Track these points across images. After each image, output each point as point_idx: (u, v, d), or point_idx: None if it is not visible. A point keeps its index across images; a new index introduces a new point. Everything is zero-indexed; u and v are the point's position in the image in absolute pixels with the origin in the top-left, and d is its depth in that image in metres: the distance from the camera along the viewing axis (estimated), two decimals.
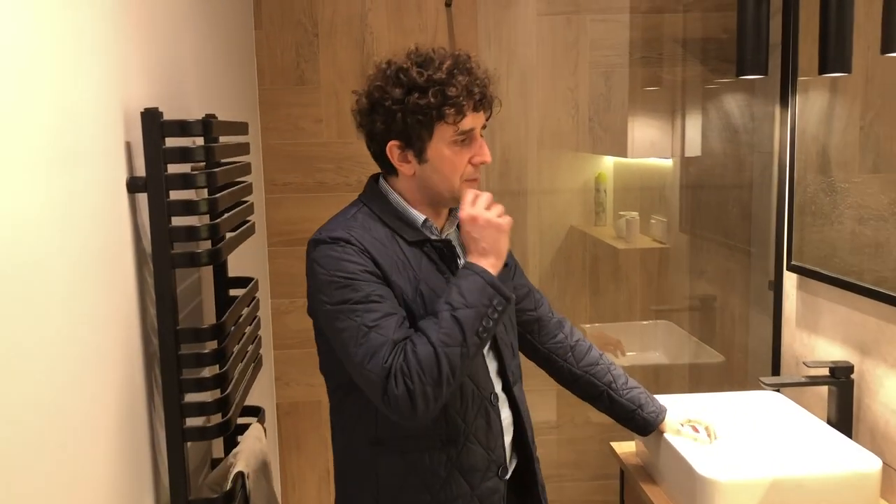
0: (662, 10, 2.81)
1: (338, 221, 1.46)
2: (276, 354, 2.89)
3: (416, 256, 1.44)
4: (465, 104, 1.39)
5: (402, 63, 1.41)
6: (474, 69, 1.42)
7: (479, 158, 1.44)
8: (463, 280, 1.35)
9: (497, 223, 1.37)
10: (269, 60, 2.76)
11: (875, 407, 1.75)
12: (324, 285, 1.38)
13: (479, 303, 1.33)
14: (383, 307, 1.36)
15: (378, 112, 1.42)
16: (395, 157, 1.44)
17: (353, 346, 1.34)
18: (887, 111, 1.79)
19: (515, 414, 1.57)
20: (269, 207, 2.83)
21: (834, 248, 1.90)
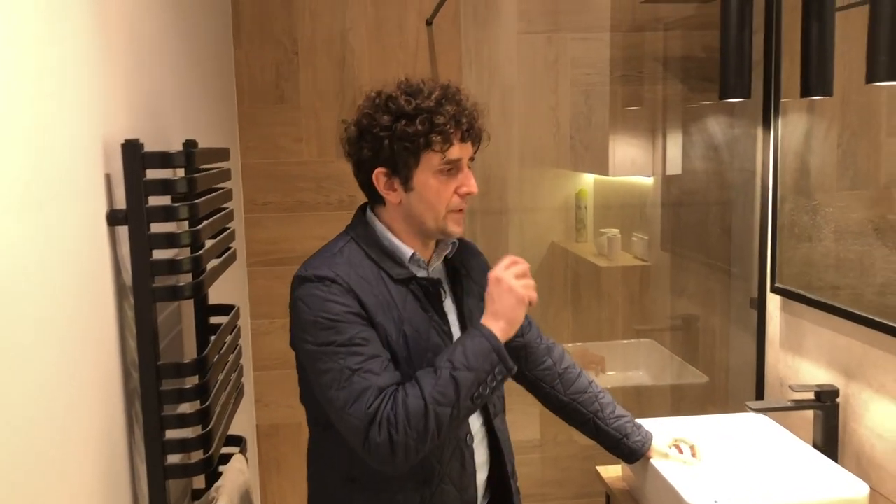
0: (643, 29, 2.82)
1: (324, 257, 1.44)
2: (256, 376, 2.85)
3: (401, 294, 1.43)
4: (453, 133, 1.39)
5: (392, 92, 1.41)
6: (463, 100, 1.42)
7: (465, 189, 1.43)
8: (470, 340, 1.35)
9: (519, 293, 1.37)
10: (249, 79, 2.73)
11: (861, 431, 1.75)
12: (308, 325, 1.36)
13: (480, 367, 1.33)
14: (367, 350, 1.35)
15: (366, 139, 1.42)
16: (381, 185, 1.43)
17: (335, 389, 1.33)
18: (864, 130, 1.80)
19: (495, 449, 1.56)
20: (249, 227, 2.80)
21: (816, 269, 1.91)
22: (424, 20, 2.76)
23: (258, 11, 2.71)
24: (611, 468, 2.00)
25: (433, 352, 1.42)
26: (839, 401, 1.79)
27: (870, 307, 1.70)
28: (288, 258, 2.80)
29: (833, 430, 1.79)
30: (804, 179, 1.97)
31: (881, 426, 1.69)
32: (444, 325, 1.47)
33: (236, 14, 2.70)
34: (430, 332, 1.44)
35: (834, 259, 1.85)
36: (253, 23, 2.71)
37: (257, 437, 2.87)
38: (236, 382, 1.76)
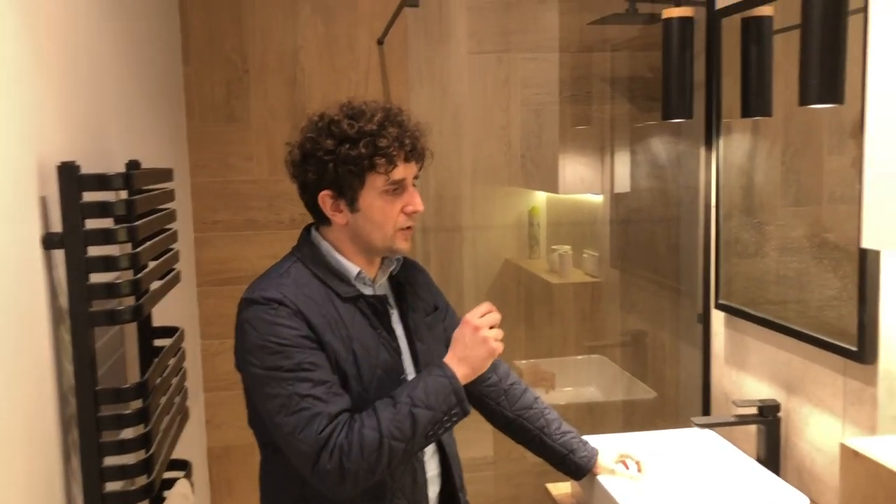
0: (590, 50, 2.87)
1: (270, 278, 1.43)
2: (207, 397, 2.81)
3: (349, 313, 1.44)
4: (396, 155, 1.40)
5: (334, 115, 1.42)
6: (406, 122, 1.44)
7: (411, 207, 1.45)
8: (432, 378, 1.37)
9: (491, 347, 1.40)
10: (199, 97, 2.71)
11: (801, 445, 1.79)
12: (255, 348, 1.36)
13: (438, 407, 1.35)
14: (316, 375, 1.35)
15: (310, 163, 1.42)
16: (327, 207, 1.44)
17: (283, 414, 1.33)
18: (806, 148, 1.85)
19: (445, 463, 1.57)
20: (198, 246, 2.77)
21: (759, 285, 1.95)
22: (376, 39, 2.77)
23: (208, 29, 2.70)
24: (560, 485, 2.01)
25: (382, 368, 1.43)
26: (781, 415, 1.83)
27: (810, 323, 1.74)
28: (239, 277, 2.77)
29: (775, 444, 1.83)
30: (748, 197, 2.02)
31: (820, 440, 1.72)
32: (393, 342, 1.48)
33: (185, 31, 2.68)
34: (380, 349, 1.45)
35: (776, 275, 1.90)
36: (203, 40, 2.70)
37: (208, 459, 2.83)
38: (180, 406, 1.73)
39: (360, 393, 1.40)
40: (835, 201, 1.73)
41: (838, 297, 1.64)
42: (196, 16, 2.69)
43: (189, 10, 2.68)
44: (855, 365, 1.59)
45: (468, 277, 3.00)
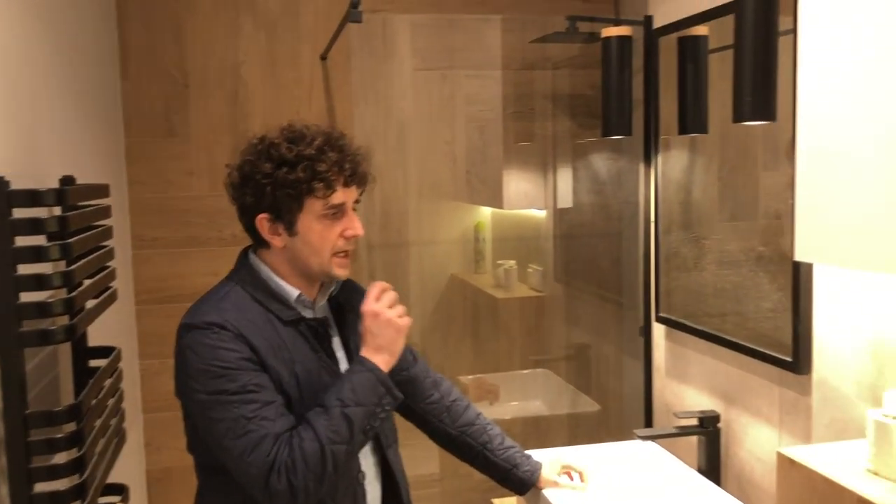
0: (532, 67, 2.91)
1: (210, 303, 1.41)
2: (146, 418, 2.73)
3: (290, 336, 1.43)
4: (335, 179, 1.40)
5: (274, 138, 1.41)
6: (346, 146, 1.43)
7: (350, 232, 1.44)
8: (355, 375, 1.37)
9: (398, 324, 1.40)
10: (137, 112, 2.66)
11: (741, 454, 1.82)
12: (198, 374, 1.34)
13: (369, 401, 1.35)
14: (261, 397, 1.33)
15: (248, 185, 1.41)
16: (265, 230, 1.43)
17: (231, 438, 1.31)
18: (742, 163, 1.90)
19: (390, 480, 1.56)
20: (137, 264, 2.70)
21: (698, 298, 1.99)
22: (319, 55, 2.76)
23: (147, 43, 2.65)
24: (507, 500, 2.01)
25: (325, 392, 1.41)
26: (721, 426, 1.86)
27: (748, 335, 1.78)
28: (179, 295, 2.71)
29: (715, 454, 1.86)
30: (686, 212, 2.07)
31: (759, 449, 1.76)
32: (334, 365, 1.48)
33: (123, 45, 2.63)
34: (321, 372, 1.44)
35: (714, 288, 1.94)
36: (141, 54, 2.65)
37: (147, 482, 2.75)
38: (117, 428, 1.68)
39: (302, 415, 1.38)
40: (769, 216, 1.78)
41: (774, 310, 1.69)
42: (134, 30, 2.64)
43: (127, 25, 2.63)
44: (790, 375, 1.64)
45: (415, 293, 2.99)
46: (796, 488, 1.32)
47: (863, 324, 1.44)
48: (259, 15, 2.73)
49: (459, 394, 1.77)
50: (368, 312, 1.40)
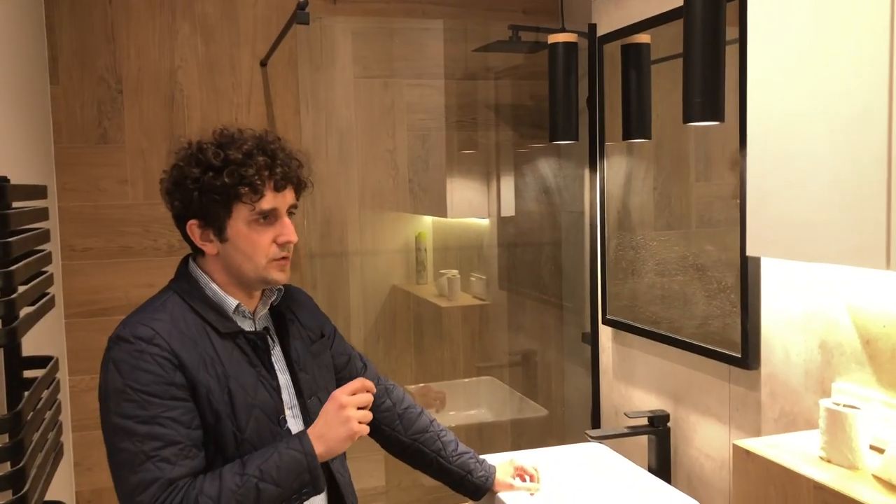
0: (475, 77, 2.93)
1: (145, 313, 1.37)
2: (76, 437, 2.61)
3: (226, 349, 1.38)
4: (262, 184, 1.37)
5: (204, 142, 1.39)
6: (278, 150, 1.41)
7: (283, 238, 1.41)
8: (288, 452, 1.33)
9: (352, 429, 1.37)
10: (68, 118, 2.56)
11: (691, 452, 1.85)
12: (114, 393, 1.29)
13: (288, 485, 1.31)
14: (168, 434, 1.28)
15: (178, 191, 1.38)
16: (196, 237, 1.40)
17: (127, 470, 1.27)
18: (676, 173, 1.95)
19: (335, 494, 1.52)
20: (67, 275, 2.59)
21: (642, 301, 2.02)
22: (259, 61, 2.72)
23: (78, 46, 2.56)
24: None
25: (260, 408, 1.38)
26: (670, 425, 1.89)
27: (695, 335, 1.82)
28: (112, 308, 2.61)
29: (666, 452, 1.89)
30: (627, 219, 2.10)
31: (708, 446, 1.79)
32: (273, 381, 1.43)
33: (53, 50, 2.53)
34: (258, 387, 1.40)
35: (661, 290, 1.98)
36: (72, 58, 2.55)
37: None
38: (55, 441, 1.60)
39: (235, 433, 1.34)
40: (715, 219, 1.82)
41: (721, 309, 1.73)
42: (65, 33, 2.55)
43: (57, 28, 2.53)
44: (739, 371, 1.68)
45: (356, 303, 2.95)
46: (752, 478, 1.35)
47: (811, 317, 1.49)
48: (196, 19, 2.67)
49: (412, 401, 1.75)
50: (336, 398, 1.38)
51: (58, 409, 1.65)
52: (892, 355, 1.32)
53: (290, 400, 1.47)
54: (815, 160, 1.20)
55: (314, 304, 1.66)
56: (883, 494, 1.16)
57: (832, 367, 1.44)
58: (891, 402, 1.33)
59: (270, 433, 1.38)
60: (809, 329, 1.48)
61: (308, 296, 1.67)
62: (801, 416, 1.51)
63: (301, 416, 1.48)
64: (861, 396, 1.37)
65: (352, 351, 1.70)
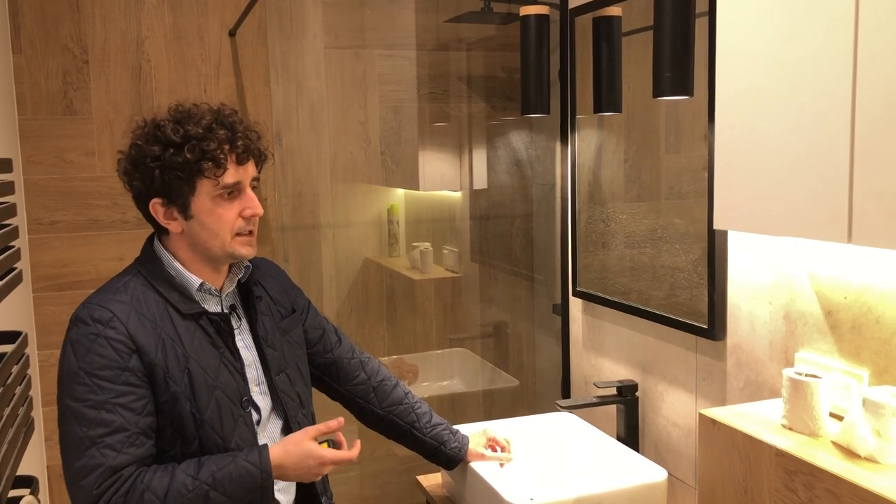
0: (447, 48, 2.91)
1: (106, 293, 1.36)
2: (46, 412, 2.59)
3: (188, 330, 1.38)
4: (225, 158, 1.36)
5: (161, 120, 1.37)
6: (237, 124, 1.40)
7: (248, 211, 1.40)
8: (244, 465, 1.33)
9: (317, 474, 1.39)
10: (32, 88, 2.51)
11: (658, 421, 1.89)
12: (68, 374, 1.30)
13: (238, 498, 1.32)
14: (116, 420, 1.28)
15: (138, 171, 1.37)
16: (159, 216, 1.39)
17: (73, 454, 1.27)
18: (646, 147, 1.97)
19: None
20: (34, 249, 2.55)
21: (612, 273, 2.05)
22: (227, 31, 2.68)
23: (41, 15, 2.50)
24: (430, 476, 2.02)
25: (222, 389, 1.38)
26: (638, 394, 1.93)
27: (663, 306, 1.85)
28: (81, 282, 2.59)
29: (634, 421, 1.93)
30: (598, 191, 2.12)
31: (675, 414, 1.83)
32: (237, 362, 1.43)
33: (14, 17, 2.47)
34: (221, 368, 1.39)
35: (631, 262, 2.00)
36: (36, 27, 2.50)
37: (48, 478, 2.61)
38: (25, 416, 1.59)
39: (194, 413, 1.34)
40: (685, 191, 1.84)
41: (689, 281, 1.76)
42: (27, 1, 2.49)
43: None
44: (706, 342, 1.71)
45: (328, 276, 2.95)
46: (717, 446, 1.38)
47: (776, 289, 1.52)
48: None
49: (388, 374, 1.76)
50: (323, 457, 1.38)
51: (28, 384, 1.65)
52: (852, 326, 1.36)
53: (258, 377, 1.48)
54: (782, 135, 1.22)
55: (287, 278, 1.66)
56: (840, 460, 1.20)
57: (795, 337, 1.47)
58: (850, 370, 1.37)
59: (232, 416, 1.39)
60: (774, 300, 1.52)
61: (280, 269, 1.66)
62: (766, 385, 1.55)
63: (269, 393, 1.49)
64: (822, 366, 1.41)
65: (326, 324, 1.71)
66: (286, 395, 1.50)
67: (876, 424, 1.19)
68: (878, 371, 1.32)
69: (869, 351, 1.33)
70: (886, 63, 1.05)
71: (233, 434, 1.38)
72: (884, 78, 1.05)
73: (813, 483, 1.19)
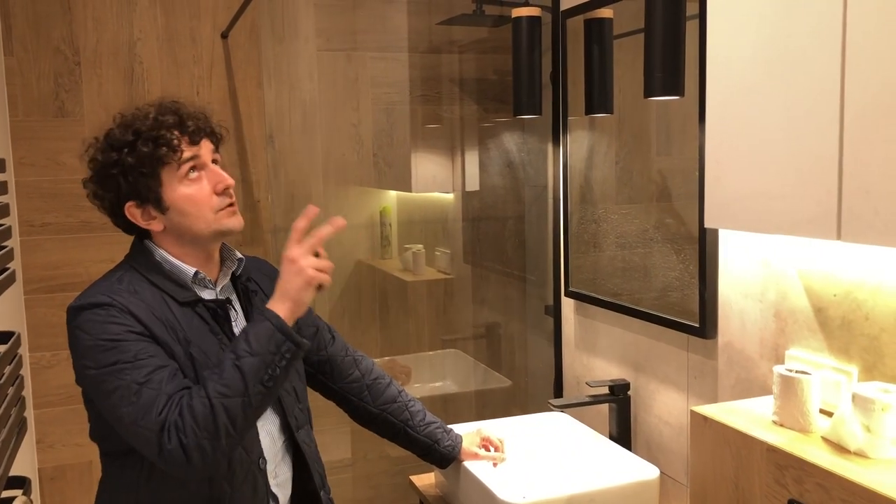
0: (439, 51, 2.92)
1: (100, 286, 1.36)
2: (38, 414, 2.59)
3: (186, 317, 1.38)
4: (178, 142, 1.37)
5: (109, 129, 1.39)
6: (181, 108, 1.41)
7: (220, 185, 1.40)
8: (252, 326, 1.31)
9: (308, 276, 1.32)
10: (23, 90, 2.51)
11: (650, 420, 1.90)
12: (88, 350, 1.29)
13: (265, 350, 1.28)
14: (153, 362, 1.29)
15: (104, 184, 1.38)
16: (138, 218, 1.39)
17: (124, 405, 1.26)
18: (637, 149, 1.98)
19: (300, 464, 1.54)
20: (26, 251, 2.55)
21: (604, 274, 2.06)
22: (220, 33, 2.68)
23: (33, 17, 2.50)
24: (423, 476, 2.02)
25: None
26: (630, 393, 1.94)
27: (655, 306, 1.86)
28: (72, 283, 2.58)
29: (626, 420, 1.93)
30: (589, 193, 2.13)
31: (667, 413, 1.84)
32: None
33: (6, 18, 2.47)
34: (221, 353, 1.39)
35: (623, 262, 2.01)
36: (27, 28, 2.50)
37: (40, 481, 2.60)
38: (18, 417, 1.59)
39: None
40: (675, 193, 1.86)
41: (680, 280, 1.77)
42: (19, 2, 2.49)
43: None
44: (697, 340, 1.72)
45: None
46: (708, 442, 1.39)
47: (766, 287, 1.53)
48: None
49: (381, 372, 1.76)
50: (286, 257, 1.33)
51: (20, 384, 1.65)
52: (842, 323, 1.37)
53: None
54: (771, 133, 1.24)
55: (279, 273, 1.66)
56: (831, 455, 1.21)
57: (786, 334, 1.49)
58: (840, 367, 1.38)
59: None
60: (765, 298, 1.53)
61: (273, 267, 1.66)
62: (756, 383, 1.57)
63: None
64: (812, 363, 1.42)
65: (320, 322, 1.71)
66: (283, 391, 1.50)
67: (865, 420, 1.21)
68: (866, 367, 1.33)
69: (858, 347, 1.34)
70: (874, 62, 1.06)
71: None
72: (872, 76, 1.07)
73: (803, 478, 1.20)
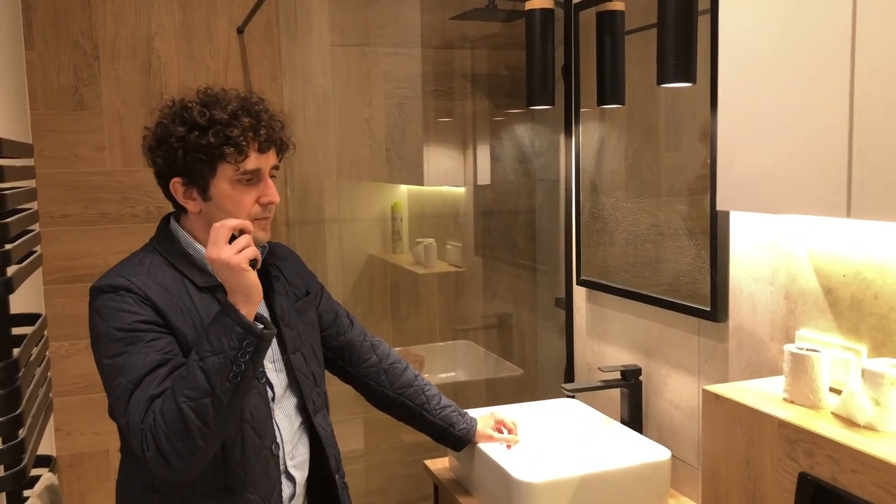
0: (451, 46, 2.96)
1: (122, 267, 1.40)
2: (57, 402, 2.63)
3: (205, 302, 1.41)
4: (248, 145, 1.39)
5: (188, 101, 1.40)
6: (262, 112, 1.42)
7: (266, 198, 1.43)
8: (212, 325, 1.32)
9: (233, 262, 1.29)
10: (44, 83, 2.55)
11: (661, 404, 1.93)
12: (101, 337, 1.33)
13: (226, 347, 1.28)
14: (154, 359, 1.31)
15: (161, 149, 1.40)
16: (179, 195, 1.42)
17: (121, 406, 1.31)
18: (647, 144, 2.02)
19: (316, 447, 1.57)
20: (45, 242, 2.59)
21: (615, 262, 2.09)
22: (235, 28, 2.73)
23: (53, 11, 2.55)
24: (437, 461, 2.05)
25: None
26: (642, 378, 1.97)
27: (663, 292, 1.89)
28: (91, 274, 2.62)
29: (637, 405, 1.96)
30: (601, 185, 2.17)
31: (678, 398, 1.87)
32: None
33: (27, 12, 2.52)
34: None
35: (634, 249, 2.05)
36: (47, 23, 2.54)
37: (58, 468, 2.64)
38: (45, 396, 1.63)
39: None
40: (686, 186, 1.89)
41: (692, 265, 1.80)
42: None
43: None
44: (708, 324, 1.75)
45: (333, 271, 3.00)
46: (720, 420, 1.42)
47: (777, 269, 1.56)
48: None
49: (398, 357, 1.80)
50: (208, 261, 1.32)
51: (47, 364, 1.68)
52: (851, 303, 1.40)
53: (274, 354, 1.51)
54: (782, 114, 1.27)
55: (300, 262, 1.70)
56: (840, 428, 1.24)
57: (796, 316, 1.52)
58: (849, 346, 1.41)
59: None
60: (775, 280, 1.56)
61: (294, 253, 1.70)
62: (767, 365, 1.60)
63: (284, 371, 1.52)
64: (822, 342, 1.45)
65: (339, 308, 1.75)
66: (301, 374, 1.53)
67: (874, 394, 1.24)
68: (876, 345, 1.36)
69: (867, 326, 1.37)
70: (885, 40, 1.10)
71: (247, 403, 1.40)
72: (882, 55, 1.10)
73: (814, 451, 1.23)
